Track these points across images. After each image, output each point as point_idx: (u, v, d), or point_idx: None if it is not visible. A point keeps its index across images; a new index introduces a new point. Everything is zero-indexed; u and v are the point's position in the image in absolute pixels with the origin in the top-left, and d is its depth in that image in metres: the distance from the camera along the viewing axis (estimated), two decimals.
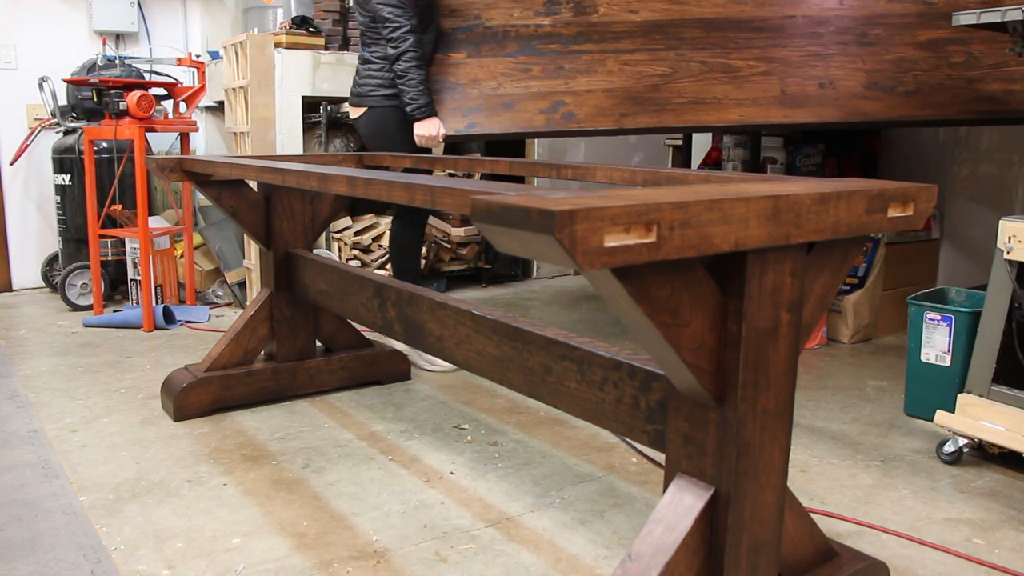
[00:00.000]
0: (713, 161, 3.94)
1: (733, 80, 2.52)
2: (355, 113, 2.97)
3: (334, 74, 3.91)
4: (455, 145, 4.62)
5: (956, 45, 2.61)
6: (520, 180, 4.56)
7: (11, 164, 4.16)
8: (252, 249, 3.75)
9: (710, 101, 2.46)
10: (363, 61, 2.91)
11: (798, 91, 2.50)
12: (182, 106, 3.95)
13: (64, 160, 3.97)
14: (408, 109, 2.70)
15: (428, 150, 2.86)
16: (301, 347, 2.67)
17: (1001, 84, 2.53)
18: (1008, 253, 2.08)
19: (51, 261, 4.30)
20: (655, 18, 2.63)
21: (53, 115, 3.99)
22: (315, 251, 3.13)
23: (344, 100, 4.04)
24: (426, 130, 2.65)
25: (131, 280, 3.90)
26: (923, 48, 2.61)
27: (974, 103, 2.51)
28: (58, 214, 4.05)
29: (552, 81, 2.52)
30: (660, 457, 2.17)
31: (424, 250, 4.25)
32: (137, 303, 3.86)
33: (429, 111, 2.64)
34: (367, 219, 4.14)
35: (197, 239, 4.11)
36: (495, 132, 2.53)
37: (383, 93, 2.81)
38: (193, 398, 2.45)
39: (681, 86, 2.49)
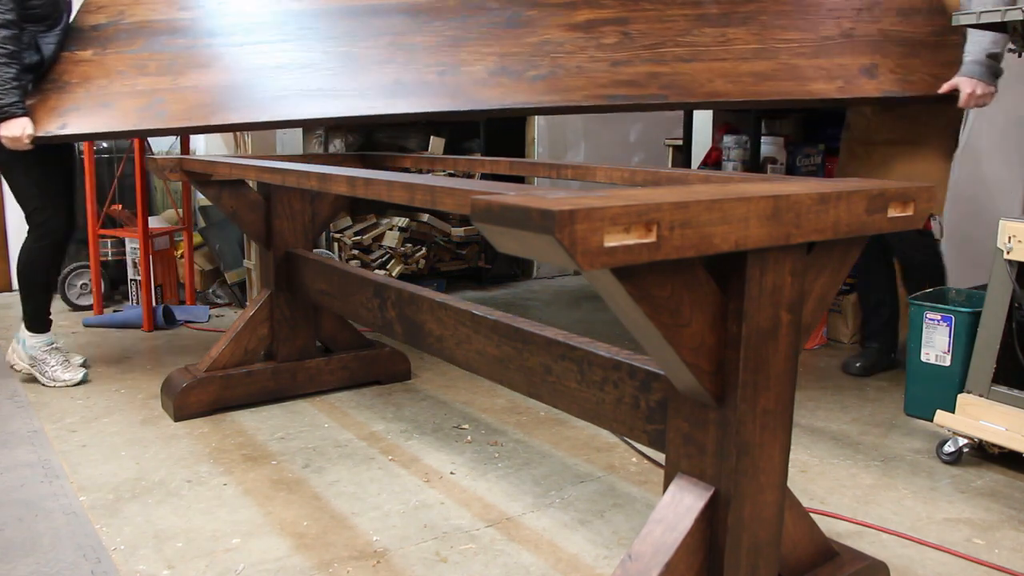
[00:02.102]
0: (713, 161, 3.94)
1: (347, 71, 2.32)
2: None
3: None
4: (456, 146, 4.61)
5: (615, 25, 2.41)
6: (520, 180, 4.57)
7: None
8: (252, 249, 3.75)
9: (312, 93, 2.27)
10: None
11: (415, 79, 2.29)
12: None
13: None
14: None
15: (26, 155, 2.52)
16: (301, 347, 2.67)
17: (649, 67, 2.30)
18: (1008, 253, 2.08)
19: None
20: (298, 7, 2.45)
21: None
22: (315, 251, 3.13)
23: None
24: (9, 131, 2.44)
25: (131, 280, 3.90)
26: (576, 29, 2.40)
27: (609, 87, 2.28)
28: None
29: (163, 78, 2.34)
30: (660, 457, 2.18)
31: (424, 250, 4.25)
32: (137, 303, 3.86)
33: (12, 111, 2.42)
34: (367, 219, 4.14)
35: (197, 239, 4.11)
36: (84, 133, 2.35)
37: None
38: (193, 398, 2.45)
39: (292, 77, 2.30)
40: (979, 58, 2.34)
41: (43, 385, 2.78)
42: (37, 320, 2.81)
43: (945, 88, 2.37)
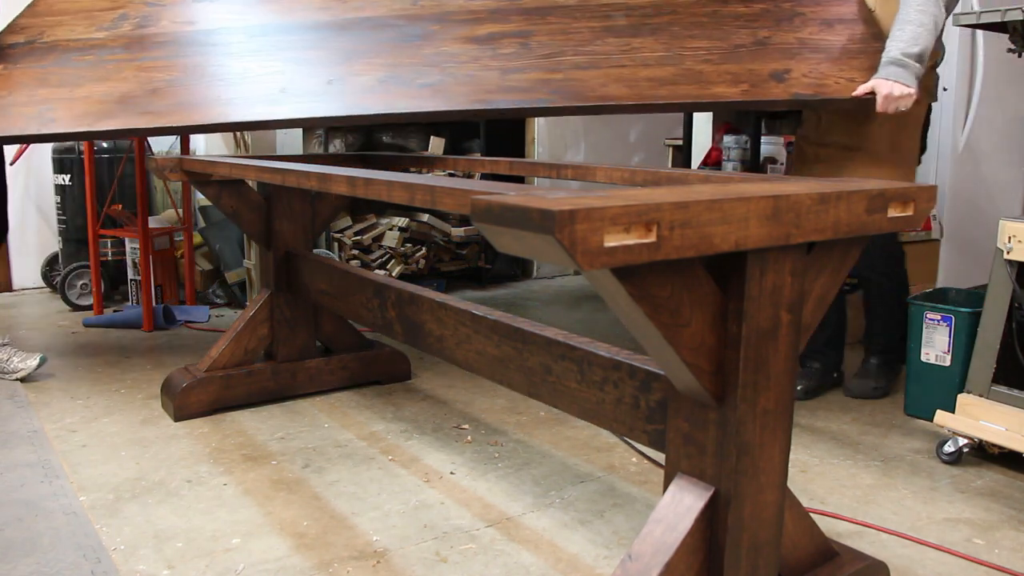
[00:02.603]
0: (713, 161, 3.94)
1: (241, 82, 2.38)
2: None
3: None
4: (456, 146, 4.63)
5: (515, 37, 2.41)
6: (520, 180, 4.57)
7: (11, 164, 4.16)
8: (252, 249, 3.75)
9: (197, 102, 2.34)
10: None
11: (301, 88, 2.34)
12: None
13: (64, 160, 3.97)
14: None
15: None
16: (301, 347, 2.67)
17: (541, 74, 2.28)
18: (1008, 253, 2.08)
19: (51, 261, 4.30)
20: (209, 27, 2.53)
21: None
22: (315, 251, 3.14)
23: None
24: None
25: (131, 280, 3.90)
26: (475, 41, 2.42)
27: (495, 93, 2.26)
28: (58, 214, 4.05)
29: (61, 89, 2.42)
30: (660, 457, 2.17)
31: (424, 250, 4.25)
32: (137, 303, 3.86)
33: None
34: (367, 219, 4.14)
35: (197, 239, 4.11)
36: None
37: None
38: (193, 398, 2.45)
39: (181, 90, 2.37)
40: (895, 57, 2.15)
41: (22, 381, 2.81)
42: None
43: (860, 91, 2.19)
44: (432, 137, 4.38)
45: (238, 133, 3.81)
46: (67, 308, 3.91)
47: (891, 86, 2.13)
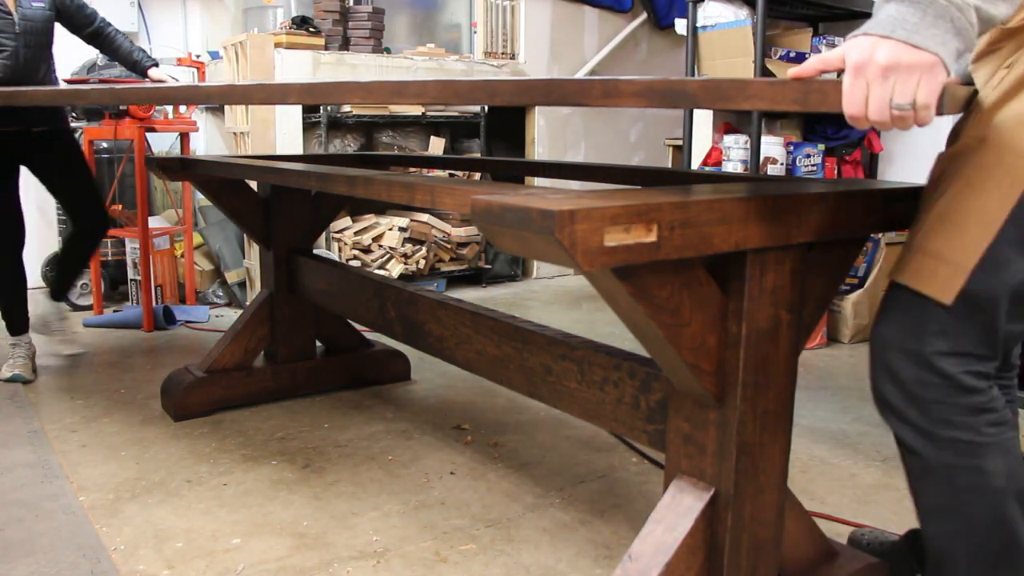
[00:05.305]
0: (713, 161, 3.94)
1: None
2: None
3: (334, 74, 3.91)
4: (456, 146, 4.63)
5: None
6: (520, 180, 4.57)
7: None
8: (252, 249, 3.75)
9: None
10: None
11: None
12: (182, 106, 3.95)
13: None
14: None
15: None
16: (301, 347, 2.66)
17: None
18: None
19: (51, 261, 4.29)
20: None
21: None
22: (315, 251, 3.13)
23: None
24: None
25: (131, 280, 3.90)
26: None
27: None
28: (58, 214, 4.05)
29: None
30: (660, 457, 2.17)
31: (424, 250, 4.26)
32: (137, 303, 3.86)
33: None
34: (367, 219, 4.14)
35: (197, 239, 4.11)
36: None
37: None
38: (193, 398, 2.45)
39: None
40: None
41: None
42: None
43: (800, 70, 0.96)
44: (432, 137, 4.38)
45: (237, 134, 3.81)
46: (67, 308, 3.91)
47: (872, 45, 0.92)
